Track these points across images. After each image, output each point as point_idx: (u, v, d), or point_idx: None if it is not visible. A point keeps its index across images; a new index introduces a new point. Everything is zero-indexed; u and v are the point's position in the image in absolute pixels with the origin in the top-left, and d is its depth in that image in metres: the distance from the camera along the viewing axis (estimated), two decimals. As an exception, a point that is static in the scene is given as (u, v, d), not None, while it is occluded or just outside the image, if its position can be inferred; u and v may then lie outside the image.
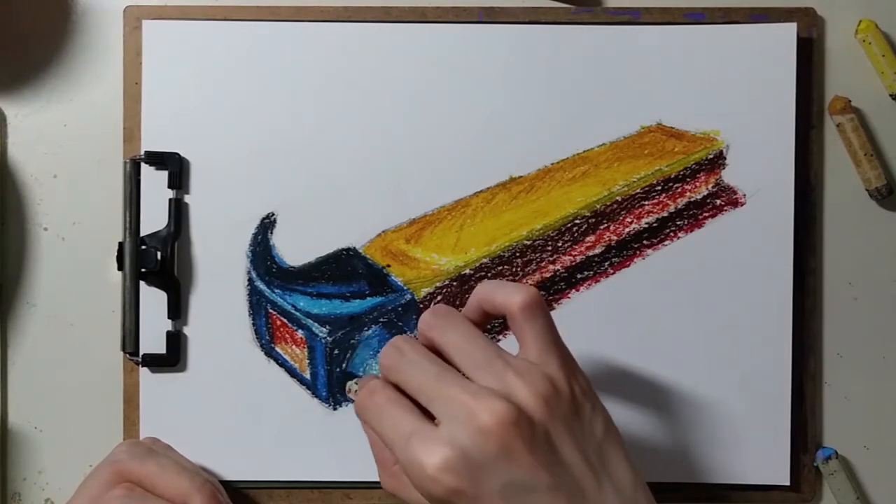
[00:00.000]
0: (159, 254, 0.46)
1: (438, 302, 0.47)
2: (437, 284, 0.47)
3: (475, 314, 0.39)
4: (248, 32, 0.47)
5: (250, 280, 0.47)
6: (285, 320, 0.47)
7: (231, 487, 0.46)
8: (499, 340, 0.47)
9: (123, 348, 0.47)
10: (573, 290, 0.47)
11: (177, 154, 0.47)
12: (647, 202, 0.48)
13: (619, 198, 0.48)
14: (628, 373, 0.47)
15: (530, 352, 0.36)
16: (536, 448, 0.33)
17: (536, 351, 0.36)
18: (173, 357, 0.47)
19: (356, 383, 0.47)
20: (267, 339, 0.47)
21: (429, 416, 0.35)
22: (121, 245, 0.46)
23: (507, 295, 0.37)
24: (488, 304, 0.38)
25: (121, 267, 0.46)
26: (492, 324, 0.47)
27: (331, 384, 0.47)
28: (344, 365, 0.47)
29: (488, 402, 0.33)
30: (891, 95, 0.48)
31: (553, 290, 0.47)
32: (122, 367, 0.47)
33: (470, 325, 0.37)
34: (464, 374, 0.35)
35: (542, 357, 0.36)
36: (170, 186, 0.47)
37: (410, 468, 0.34)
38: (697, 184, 0.48)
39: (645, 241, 0.47)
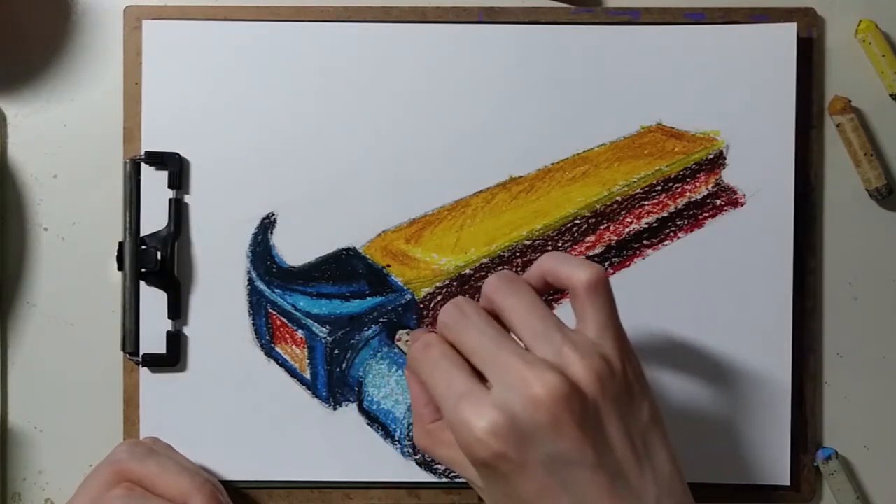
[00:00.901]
0: (159, 254, 0.46)
1: (439, 302, 0.47)
2: (437, 284, 0.47)
3: (537, 284, 0.38)
4: (248, 32, 0.47)
5: (250, 280, 0.47)
6: (285, 320, 0.47)
7: (231, 487, 0.46)
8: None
9: (123, 348, 0.47)
10: (573, 290, 0.47)
11: (177, 154, 0.47)
12: (647, 202, 0.48)
13: (619, 198, 0.48)
14: (628, 373, 0.47)
15: (589, 329, 0.36)
16: (585, 424, 0.33)
17: (595, 328, 0.36)
18: (173, 357, 0.47)
19: (408, 333, 0.46)
20: (267, 339, 0.47)
21: (481, 379, 0.35)
22: (121, 245, 0.46)
23: (573, 270, 0.37)
24: (552, 276, 0.38)
25: (121, 267, 0.46)
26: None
27: (331, 384, 0.47)
28: (344, 365, 0.47)
29: (543, 374, 0.33)
30: (891, 95, 0.48)
31: (553, 289, 0.47)
32: (122, 367, 0.47)
33: (534, 293, 0.37)
34: (521, 342, 0.36)
35: (600, 335, 0.36)
36: (170, 186, 0.47)
37: (458, 427, 0.34)
38: (697, 184, 0.48)
39: (645, 241, 0.47)
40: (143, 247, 0.46)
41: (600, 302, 0.36)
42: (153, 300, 0.47)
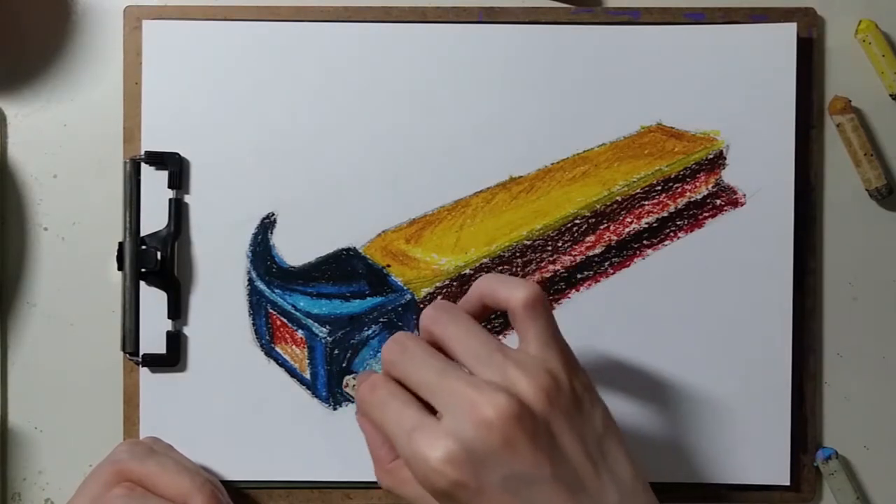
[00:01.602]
0: (159, 254, 0.46)
1: (438, 302, 0.47)
2: (437, 284, 0.47)
3: (475, 307, 0.39)
4: (248, 32, 0.47)
5: (250, 280, 0.47)
6: (285, 320, 0.47)
7: (231, 487, 0.46)
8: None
9: (123, 348, 0.47)
10: (573, 290, 0.47)
11: (177, 154, 0.47)
12: (647, 202, 0.48)
13: (619, 198, 0.48)
14: (628, 373, 0.47)
15: (531, 346, 0.36)
16: (538, 440, 0.33)
17: (537, 346, 0.36)
18: (173, 357, 0.47)
19: (354, 378, 0.47)
20: (267, 339, 0.47)
21: (431, 410, 0.35)
22: (121, 245, 0.46)
23: (510, 290, 0.37)
24: (489, 299, 0.38)
25: (121, 267, 0.46)
26: (492, 323, 0.47)
27: (331, 384, 0.47)
28: (344, 365, 0.47)
29: (491, 396, 0.33)
30: (891, 95, 0.48)
31: (553, 290, 0.47)
32: (122, 367, 0.47)
33: (471, 319, 0.37)
34: (465, 369, 0.36)
35: (543, 352, 0.36)
36: (170, 186, 0.47)
37: (414, 461, 0.34)
38: (697, 184, 0.48)
39: (645, 241, 0.47)
40: (143, 247, 0.46)
41: (540, 319, 0.36)
42: (153, 300, 0.47)
